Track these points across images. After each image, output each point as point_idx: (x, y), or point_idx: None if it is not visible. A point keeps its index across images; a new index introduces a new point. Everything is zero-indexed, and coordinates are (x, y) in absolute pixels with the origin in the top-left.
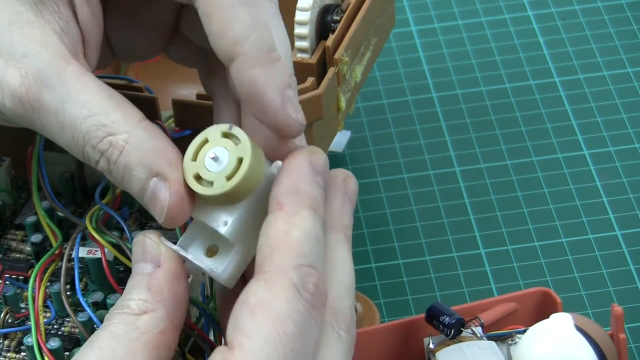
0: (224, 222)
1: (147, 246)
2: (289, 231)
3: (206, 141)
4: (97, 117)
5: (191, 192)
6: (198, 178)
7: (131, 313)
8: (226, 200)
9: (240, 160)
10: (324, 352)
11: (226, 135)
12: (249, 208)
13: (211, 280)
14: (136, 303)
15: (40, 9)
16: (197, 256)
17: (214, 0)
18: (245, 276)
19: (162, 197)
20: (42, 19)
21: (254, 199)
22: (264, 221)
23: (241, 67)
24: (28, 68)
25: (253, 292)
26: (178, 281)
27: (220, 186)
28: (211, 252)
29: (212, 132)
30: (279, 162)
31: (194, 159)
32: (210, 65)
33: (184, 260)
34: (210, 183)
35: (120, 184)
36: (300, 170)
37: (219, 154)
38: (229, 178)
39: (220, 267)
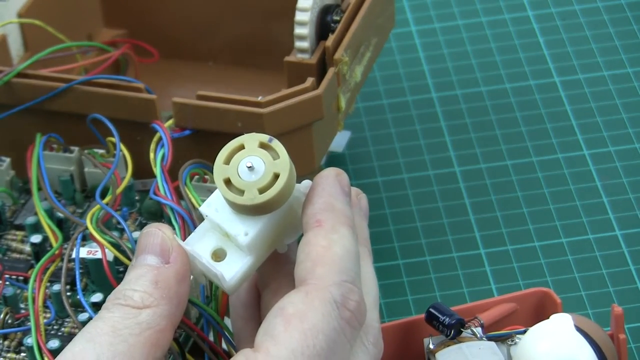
0: (245, 232)
1: (160, 239)
2: (330, 247)
3: (242, 147)
4: None
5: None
6: (227, 182)
7: (133, 306)
8: (251, 211)
9: (276, 176)
10: None
11: (264, 146)
12: (270, 222)
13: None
14: (140, 295)
15: None
16: (207, 259)
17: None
18: (257, 285)
19: None
20: None
21: (276, 214)
22: (282, 236)
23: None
24: None
25: (292, 302)
26: (184, 281)
27: (252, 197)
28: (217, 255)
29: (250, 140)
30: (308, 181)
31: (227, 162)
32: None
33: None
34: (241, 192)
35: None
36: (333, 190)
37: (255, 164)
38: (261, 191)
39: (229, 275)
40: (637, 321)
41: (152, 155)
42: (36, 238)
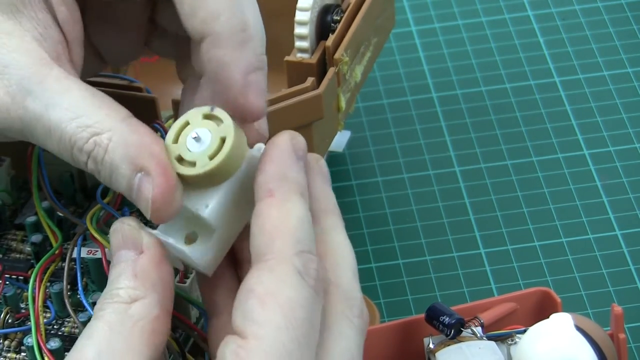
0: (205, 205)
1: (127, 233)
2: (283, 218)
3: (187, 124)
4: (81, 119)
5: (179, 185)
6: (180, 160)
7: (122, 302)
8: (208, 181)
9: (223, 140)
10: (338, 343)
11: (207, 117)
12: (229, 191)
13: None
14: (125, 291)
15: (18, 17)
16: (175, 242)
17: None
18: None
19: (146, 191)
20: (21, 26)
21: (234, 183)
22: (250, 208)
23: (210, 46)
24: (11, 78)
25: (259, 282)
26: (163, 265)
27: (203, 165)
28: (190, 240)
29: (193, 115)
30: (261, 145)
31: (176, 141)
32: (183, 51)
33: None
34: (193, 164)
35: (110, 184)
36: (285, 156)
37: (201, 135)
38: (211, 157)
39: (199, 254)
40: (637, 321)
41: None
42: (36, 238)
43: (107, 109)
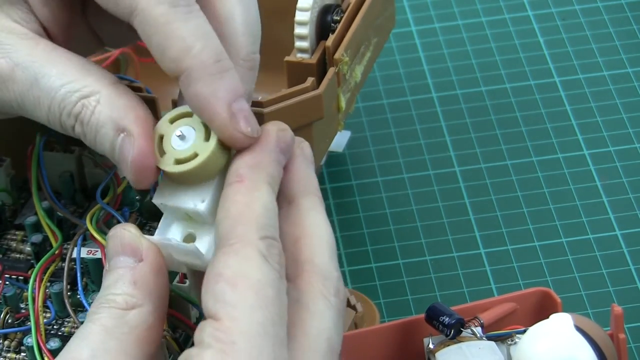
0: (201, 200)
1: (127, 239)
2: (250, 204)
3: (189, 115)
4: (70, 85)
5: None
6: (160, 139)
7: (119, 307)
8: (183, 179)
9: (195, 155)
10: (315, 322)
11: (205, 124)
12: (221, 184)
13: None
14: (123, 298)
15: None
16: (178, 242)
17: (149, 19)
18: None
19: (127, 152)
20: (2, 12)
21: (224, 176)
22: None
23: (187, 82)
24: None
25: (227, 265)
26: (161, 274)
27: (166, 163)
28: (188, 241)
29: None
30: None
31: (171, 122)
32: None
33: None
34: (163, 154)
35: (95, 146)
36: (264, 145)
37: (186, 134)
38: (177, 162)
39: (204, 250)
40: (637, 321)
41: None
42: (36, 238)
43: (95, 74)
